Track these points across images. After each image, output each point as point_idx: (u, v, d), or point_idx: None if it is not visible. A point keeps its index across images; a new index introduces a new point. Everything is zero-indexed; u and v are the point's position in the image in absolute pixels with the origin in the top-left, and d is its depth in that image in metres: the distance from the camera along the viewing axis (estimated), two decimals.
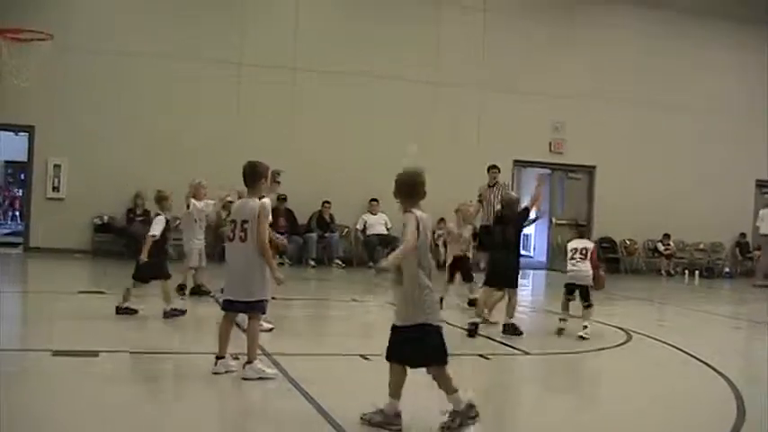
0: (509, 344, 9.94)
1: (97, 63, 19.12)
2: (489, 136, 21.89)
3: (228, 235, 7.18)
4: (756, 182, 25.41)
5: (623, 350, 10.14)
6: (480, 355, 9.03)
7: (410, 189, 6.01)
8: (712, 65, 24.39)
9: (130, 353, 7.91)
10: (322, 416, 6.08)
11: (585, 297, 10.62)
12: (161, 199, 10.67)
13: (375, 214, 20.69)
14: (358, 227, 20.70)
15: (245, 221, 7.04)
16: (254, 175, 7.21)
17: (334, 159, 20.18)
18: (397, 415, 5.80)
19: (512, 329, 10.44)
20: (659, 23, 24.01)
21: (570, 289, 10.76)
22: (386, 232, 20.70)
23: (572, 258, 10.68)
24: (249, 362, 7.07)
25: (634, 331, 11.32)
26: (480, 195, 16.88)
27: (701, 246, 23.83)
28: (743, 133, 24.49)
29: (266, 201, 7.22)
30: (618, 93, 23.39)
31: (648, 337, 11.20)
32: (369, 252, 20.40)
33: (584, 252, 10.61)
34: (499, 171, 17.09)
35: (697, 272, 22.79)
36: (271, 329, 9.14)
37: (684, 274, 22.23)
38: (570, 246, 10.86)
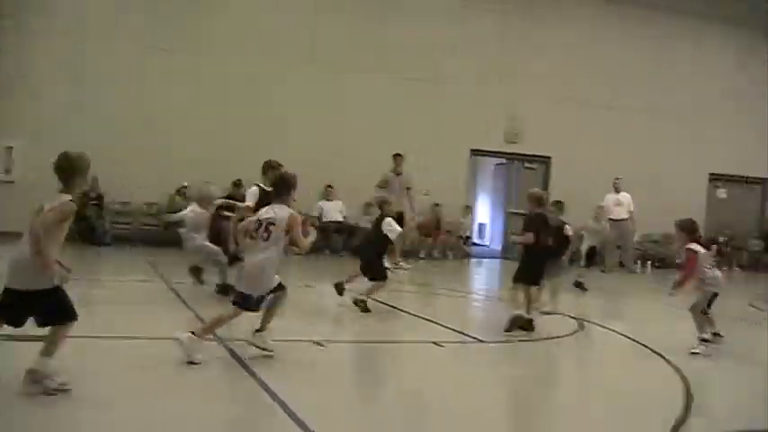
0: (464, 332, 9.99)
1: (55, 45, 18.91)
2: (446, 126, 21.93)
3: (251, 233, 7.40)
4: (709, 175, 25.81)
5: (575, 339, 10.24)
6: (434, 343, 9.05)
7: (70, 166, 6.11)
8: (671, 59, 24.78)
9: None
10: (275, 402, 6.09)
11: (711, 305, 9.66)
12: None
13: (331, 201, 20.65)
14: (314, 213, 20.60)
15: (271, 223, 7.31)
16: (284, 186, 7.59)
17: (289, 145, 20.11)
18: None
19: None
20: (612, 17, 24.43)
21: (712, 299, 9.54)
22: (342, 219, 20.69)
23: (708, 266, 9.59)
24: (194, 333, 7.11)
25: (586, 320, 11.44)
26: (382, 182, 17.28)
27: (654, 237, 24.03)
28: (694, 128, 24.84)
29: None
30: (573, 85, 23.57)
31: (600, 326, 11.32)
32: (325, 239, 20.37)
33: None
34: (403, 158, 17.54)
35: (650, 263, 23.09)
36: None
37: (637, 264, 22.46)
38: (703, 252, 9.52)
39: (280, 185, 7.65)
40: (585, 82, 23.71)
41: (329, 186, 20.59)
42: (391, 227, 11.15)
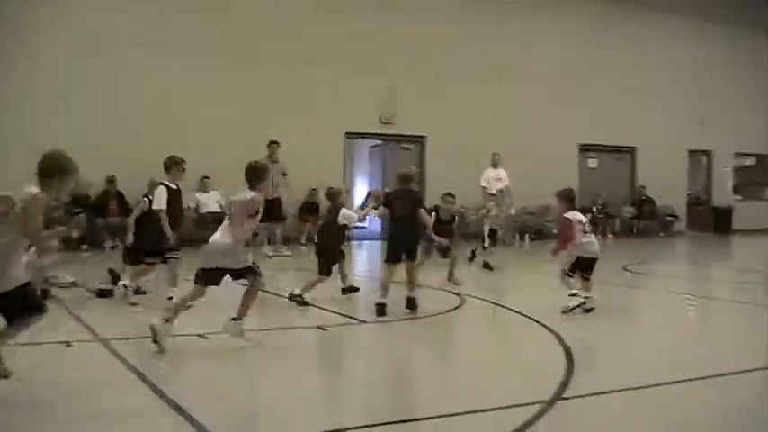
0: (345, 314, 9.98)
1: None
2: (320, 109, 21.85)
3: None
4: (579, 146, 26.47)
5: (457, 314, 10.34)
6: (318, 327, 9.03)
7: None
8: (543, 31, 25.24)
9: None
10: (164, 401, 5.94)
11: (591, 270, 9.97)
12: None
13: (208, 192, 20.30)
14: (190, 205, 20.06)
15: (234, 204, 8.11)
16: (252, 176, 8.16)
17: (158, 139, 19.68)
18: None
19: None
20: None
21: (591, 264, 9.92)
22: (219, 210, 20.40)
23: (585, 232, 9.84)
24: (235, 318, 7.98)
25: (468, 295, 11.56)
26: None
27: (531, 209, 24.45)
28: (565, 99, 25.38)
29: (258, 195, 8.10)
30: (445, 64, 23.72)
31: (482, 299, 11.47)
32: (202, 230, 20.04)
33: (583, 223, 9.93)
34: (278, 146, 17.63)
35: (527, 235, 23.52)
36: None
37: (516, 237, 22.87)
38: (575, 218, 9.86)
39: (249, 175, 8.15)
40: (457, 59, 23.94)
41: (205, 177, 20.18)
42: (346, 216, 11.06)
